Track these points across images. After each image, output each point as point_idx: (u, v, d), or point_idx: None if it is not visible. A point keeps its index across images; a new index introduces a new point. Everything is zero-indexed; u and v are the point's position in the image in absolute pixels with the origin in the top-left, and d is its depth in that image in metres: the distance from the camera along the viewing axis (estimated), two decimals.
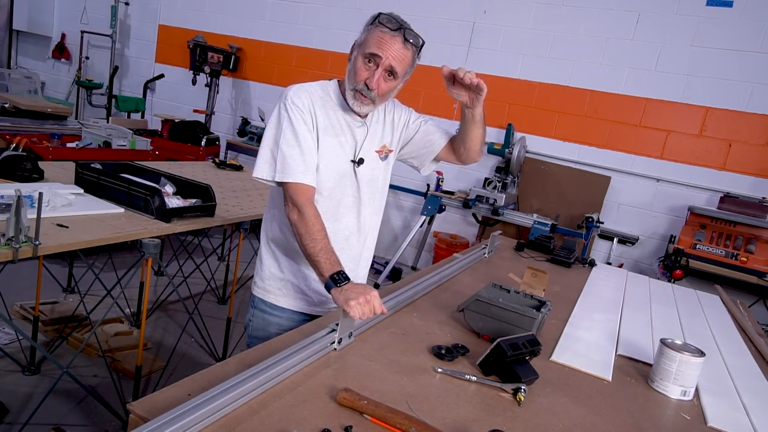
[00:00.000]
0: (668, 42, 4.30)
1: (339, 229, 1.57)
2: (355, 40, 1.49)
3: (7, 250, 1.59)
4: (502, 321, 1.35)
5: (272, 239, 1.59)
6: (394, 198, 5.47)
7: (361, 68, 1.43)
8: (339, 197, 1.54)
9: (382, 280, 4.71)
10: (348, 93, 1.47)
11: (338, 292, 1.24)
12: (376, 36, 1.41)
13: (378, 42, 1.40)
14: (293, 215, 1.40)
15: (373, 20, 1.43)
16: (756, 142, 4.11)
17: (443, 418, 0.96)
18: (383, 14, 1.42)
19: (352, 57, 1.48)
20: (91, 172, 2.31)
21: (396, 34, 1.39)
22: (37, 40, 7.32)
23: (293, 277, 1.57)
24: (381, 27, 1.40)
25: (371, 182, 1.60)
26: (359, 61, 1.44)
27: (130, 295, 3.46)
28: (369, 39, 1.42)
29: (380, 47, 1.40)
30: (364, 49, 1.43)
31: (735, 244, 3.89)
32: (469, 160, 1.67)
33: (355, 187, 1.56)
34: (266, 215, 1.64)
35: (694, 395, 1.26)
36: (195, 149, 4.84)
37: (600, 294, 2.05)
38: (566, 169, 4.71)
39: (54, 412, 2.32)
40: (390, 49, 1.40)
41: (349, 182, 1.54)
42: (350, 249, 1.62)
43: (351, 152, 1.53)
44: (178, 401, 0.81)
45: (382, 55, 1.40)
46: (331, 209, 1.53)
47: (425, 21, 4.85)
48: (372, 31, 1.42)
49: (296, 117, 1.43)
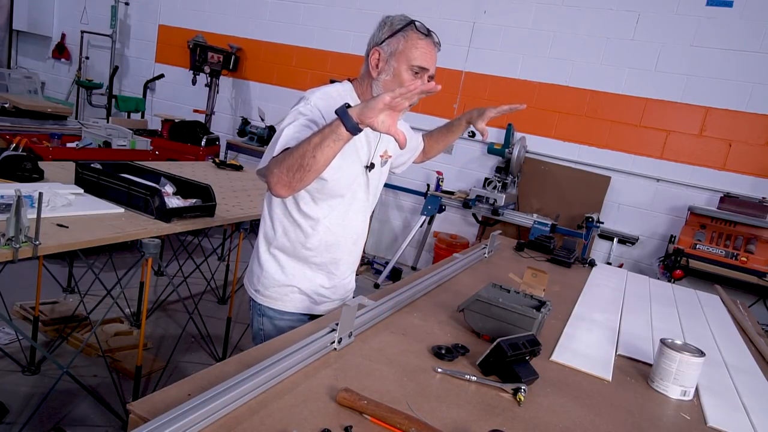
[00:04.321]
0: (668, 42, 4.30)
1: (348, 233, 1.57)
2: (380, 46, 1.43)
3: (7, 250, 1.59)
4: (502, 321, 1.35)
5: (276, 246, 1.55)
6: (394, 198, 5.47)
7: (409, 80, 1.40)
8: (350, 201, 1.54)
9: (382, 280, 4.71)
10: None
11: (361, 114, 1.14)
12: (418, 46, 1.40)
13: (423, 55, 1.40)
14: (274, 171, 1.26)
15: (403, 26, 1.41)
16: (756, 142, 4.11)
17: (443, 418, 0.96)
18: (415, 21, 1.43)
19: (389, 67, 1.42)
20: (91, 172, 2.31)
21: (430, 39, 1.42)
22: (37, 40, 7.32)
23: (298, 282, 1.56)
24: (418, 34, 1.40)
25: (377, 187, 1.63)
26: (406, 73, 1.40)
27: (130, 295, 3.46)
28: (412, 50, 1.40)
29: (426, 60, 1.41)
30: (410, 60, 1.40)
31: (735, 244, 3.89)
32: (430, 158, 1.94)
33: (364, 191, 1.56)
34: (266, 220, 1.58)
35: (694, 395, 1.26)
36: (195, 149, 4.84)
37: (600, 294, 2.05)
38: (566, 169, 4.71)
39: (54, 412, 2.32)
40: (432, 59, 1.43)
41: (358, 187, 1.54)
42: (357, 252, 1.66)
43: (365, 157, 1.52)
44: (178, 401, 0.81)
45: (430, 67, 1.42)
46: (342, 213, 1.53)
47: (425, 21, 4.82)
48: (410, 39, 1.40)
49: (310, 119, 1.37)
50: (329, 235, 1.53)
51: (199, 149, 4.83)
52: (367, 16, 5.38)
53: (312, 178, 1.25)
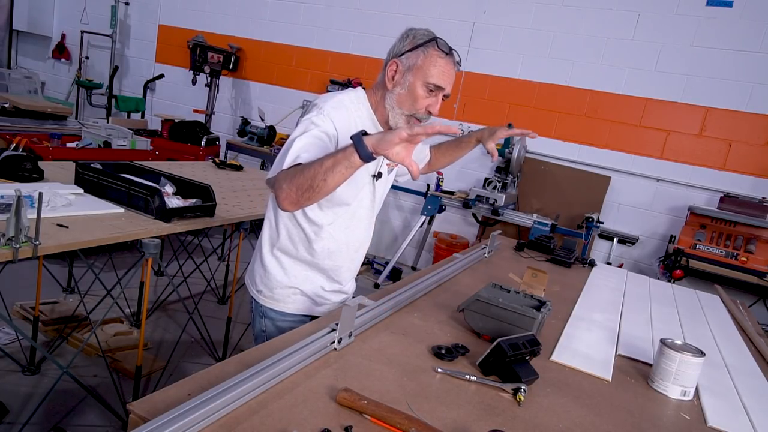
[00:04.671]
0: (668, 42, 4.30)
1: (351, 241, 1.57)
2: (398, 58, 1.41)
3: (7, 250, 1.59)
4: (502, 321, 1.35)
5: (279, 247, 1.55)
6: (394, 198, 5.47)
7: (422, 97, 1.39)
8: (355, 209, 1.54)
9: (382, 280, 4.71)
10: (400, 117, 1.43)
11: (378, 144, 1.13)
12: (437, 64, 1.38)
13: (441, 74, 1.38)
14: (283, 186, 1.25)
15: (425, 42, 1.39)
16: (756, 142, 4.11)
17: (443, 418, 0.96)
18: (438, 38, 1.40)
19: (405, 81, 1.40)
20: (91, 172, 2.31)
21: (450, 59, 1.40)
22: (37, 40, 7.32)
23: (300, 284, 1.56)
24: (439, 52, 1.38)
25: (382, 195, 1.63)
26: (420, 89, 1.39)
27: (130, 295, 3.46)
28: (430, 67, 1.38)
29: (443, 79, 1.39)
30: (426, 77, 1.38)
31: (735, 244, 3.89)
32: (434, 171, 1.99)
33: (370, 199, 1.57)
34: (270, 222, 1.57)
35: (694, 395, 1.26)
36: (195, 149, 4.84)
37: (600, 294, 2.05)
38: (566, 169, 4.71)
39: (54, 412, 2.32)
40: (450, 78, 1.41)
41: (365, 194, 1.54)
42: (359, 259, 1.66)
43: (373, 167, 1.52)
44: (178, 401, 0.81)
45: (446, 87, 1.40)
46: (347, 221, 1.53)
47: (425, 21, 4.84)
48: (430, 55, 1.38)
49: (322, 131, 1.35)
50: (332, 242, 1.53)
51: (199, 149, 4.83)
52: (367, 16, 5.38)
53: (320, 198, 1.25)
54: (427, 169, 1.90)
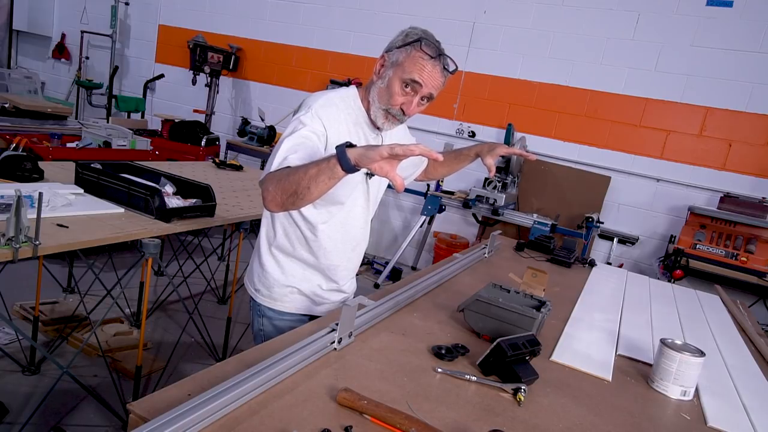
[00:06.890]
0: (668, 42, 4.30)
1: (347, 240, 1.57)
2: (388, 53, 1.41)
3: (7, 250, 1.59)
4: (502, 321, 1.35)
5: (276, 246, 1.55)
6: (394, 198, 5.47)
7: (398, 93, 1.38)
8: (350, 208, 1.54)
9: (382, 280, 4.71)
10: (378, 111, 1.43)
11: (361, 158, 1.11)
12: (417, 62, 1.35)
13: (420, 70, 1.35)
14: (269, 189, 1.26)
15: (413, 41, 1.36)
16: (756, 142, 4.11)
17: (443, 418, 0.96)
18: (425, 39, 1.37)
19: (386, 75, 1.40)
20: (91, 172, 2.31)
21: (437, 62, 1.36)
22: (37, 40, 7.32)
23: (298, 283, 1.56)
24: (422, 53, 1.35)
25: (377, 195, 1.63)
26: (396, 84, 1.38)
27: (130, 295, 3.46)
28: (409, 63, 1.36)
29: (422, 76, 1.36)
30: (403, 73, 1.36)
31: (735, 244, 3.89)
32: (431, 180, 2.01)
33: (365, 198, 1.57)
34: (267, 220, 1.58)
35: (694, 395, 1.26)
36: (195, 149, 4.84)
37: (600, 294, 2.05)
38: (566, 169, 4.71)
39: (54, 412, 2.32)
40: (430, 79, 1.37)
41: (359, 193, 1.54)
42: (356, 258, 1.66)
43: None
44: (178, 401, 0.81)
45: (423, 84, 1.37)
46: (342, 220, 1.53)
47: (425, 21, 4.85)
48: (412, 54, 1.36)
49: (311, 130, 1.36)
50: (328, 241, 1.53)
51: (199, 149, 4.83)
52: (367, 16, 5.38)
53: (305, 204, 1.25)
54: (424, 176, 1.88)
